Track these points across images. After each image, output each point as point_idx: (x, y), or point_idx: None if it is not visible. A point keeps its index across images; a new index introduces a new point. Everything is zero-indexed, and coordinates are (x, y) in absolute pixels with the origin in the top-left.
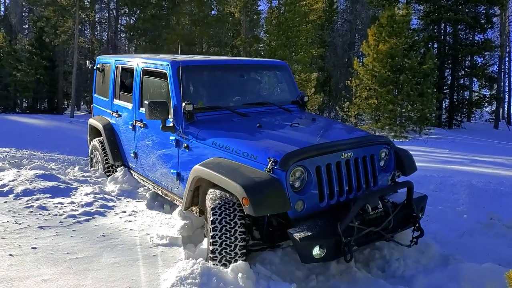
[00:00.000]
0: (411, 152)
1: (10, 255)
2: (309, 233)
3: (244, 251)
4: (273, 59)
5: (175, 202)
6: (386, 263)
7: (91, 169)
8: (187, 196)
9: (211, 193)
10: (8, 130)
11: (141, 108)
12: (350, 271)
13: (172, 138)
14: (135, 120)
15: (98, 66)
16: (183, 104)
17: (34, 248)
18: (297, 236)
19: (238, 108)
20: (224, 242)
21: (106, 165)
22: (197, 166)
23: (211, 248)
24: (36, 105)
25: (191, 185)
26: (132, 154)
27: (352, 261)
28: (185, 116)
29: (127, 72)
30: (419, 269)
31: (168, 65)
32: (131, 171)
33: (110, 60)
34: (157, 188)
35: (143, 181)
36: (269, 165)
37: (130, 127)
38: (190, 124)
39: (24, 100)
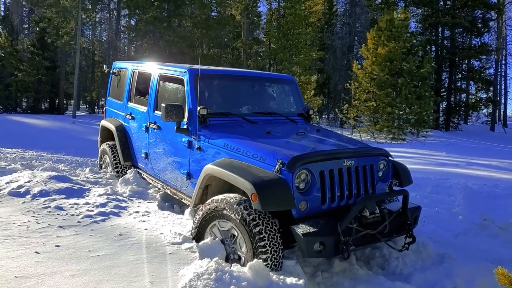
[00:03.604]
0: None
1: (36, 252)
2: (311, 230)
3: (282, 254)
4: (282, 74)
5: (183, 200)
6: (385, 262)
7: (101, 170)
8: (197, 193)
9: (241, 204)
10: (12, 131)
11: (156, 111)
12: (352, 268)
13: (185, 139)
14: (149, 122)
15: (114, 70)
16: (198, 108)
17: (58, 246)
18: (300, 232)
19: (248, 116)
20: (273, 249)
21: (115, 167)
22: (209, 165)
23: (263, 256)
24: (37, 105)
25: (202, 183)
26: (143, 155)
27: (354, 259)
28: (199, 119)
29: (144, 77)
30: (417, 267)
31: (185, 72)
32: (140, 171)
33: (127, 66)
34: (166, 187)
35: (152, 180)
36: (277, 166)
37: (143, 129)
38: (203, 127)
39: (24, 100)
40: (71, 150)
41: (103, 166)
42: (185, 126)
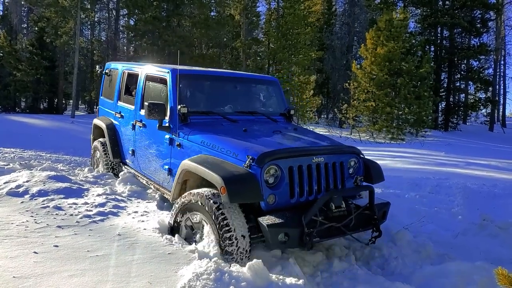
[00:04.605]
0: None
1: (35, 252)
2: (276, 221)
3: (250, 248)
4: (265, 75)
5: (165, 195)
6: (385, 262)
7: (95, 169)
8: (175, 188)
9: (210, 197)
10: (10, 130)
11: (141, 110)
12: (351, 268)
13: (166, 137)
14: (136, 120)
15: (106, 71)
16: (179, 106)
17: (56, 246)
18: (265, 223)
19: (229, 115)
20: (239, 241)
21: (105, 164)
22: (185, 160)
23: (229, 249)
24: (36, 105)
25: (179, 177)
26: (130, 152)
27: (353, 259)
28: (179, 117)
29: (132, 77)
30: (416, 266)
31: (168, 72)
32: (127, 167)
33: (118, 66)
34: (150, 183)
35: (138, 176)
36: (247, 162)
37: (131, 127)
38: (183, 125)
39: (23, 99)
40: (69, 150)
41: (95, 163)
42: (167, 124)
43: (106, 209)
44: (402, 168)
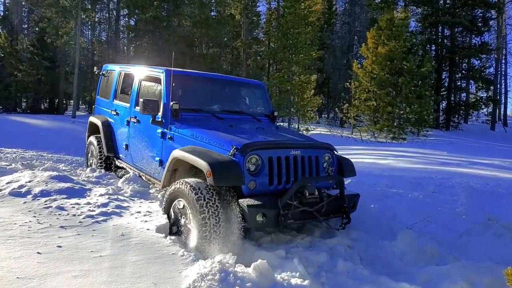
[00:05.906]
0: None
1: (38, 253)
2: (255, 203)
3: (225, 234)
4: (252, 79)
5: (155, 185)
6: (389, 262)
7: (88, 164)
8: (166, 176)
9: (192, 184)
10: (12, 131)
11: (136, 107)
12: (356, 268)
13: (159, 131)
14: (130, 117)
15: (103, 72)
16: (171, 103)
17: (60, 246)
18: (245, 204)
19: (217, 113)
20: (212, 223)
21: (99, 158)
22: (175, 150)
23: (204, 228)
24: (37, 105)
25: (170, 166)
26: (124, 146)
27: (357, 259)
28: (171, 113)
29: (128, 77)
30: (420, 266)
31: (162, 72)
32: (120, 161)
33: (115, 67)
34: (142, 174)
35: (130, 169)
36: (231, 151)
37: (125, 123)
38: (175, 120)
39: (24, 100)
40: (71, 150)
41: (90, 155)
42: (159, 119)
43: (109, 209)
44: (405, 168)
